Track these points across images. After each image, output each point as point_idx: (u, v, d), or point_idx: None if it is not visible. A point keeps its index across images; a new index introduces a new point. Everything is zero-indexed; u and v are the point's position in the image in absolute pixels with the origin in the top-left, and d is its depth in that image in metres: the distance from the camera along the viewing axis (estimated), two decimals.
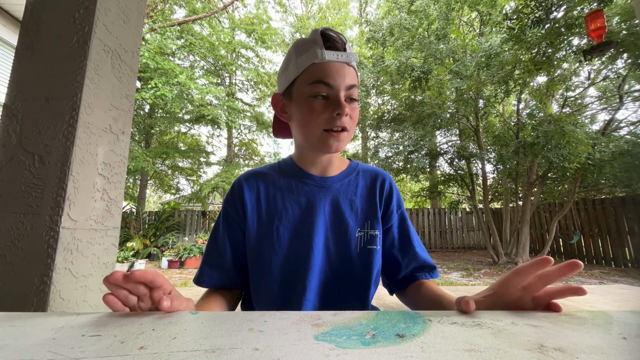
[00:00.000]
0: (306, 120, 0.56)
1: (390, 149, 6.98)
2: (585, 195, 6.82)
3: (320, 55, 0.53)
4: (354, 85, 0.57)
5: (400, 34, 6.77)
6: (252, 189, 0.64)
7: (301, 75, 0.56)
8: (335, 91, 0.54)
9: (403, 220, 0.66)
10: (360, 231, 0.61)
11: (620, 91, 5.39)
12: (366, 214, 0.63)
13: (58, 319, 0.35)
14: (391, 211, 0.65)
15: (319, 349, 0.27)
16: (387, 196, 0.66)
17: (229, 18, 11.00)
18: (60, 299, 0.65)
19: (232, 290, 0.64)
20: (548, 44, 4.00)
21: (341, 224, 0.61)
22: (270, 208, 0.62)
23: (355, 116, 0.58)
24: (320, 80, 0.54)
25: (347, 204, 0.62)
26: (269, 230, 0.60)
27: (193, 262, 5.97)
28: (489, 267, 5.78)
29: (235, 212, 0.63)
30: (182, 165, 12.04)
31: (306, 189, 0.63)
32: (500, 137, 6.06)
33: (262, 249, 0.60)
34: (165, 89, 6.92)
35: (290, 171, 0.66)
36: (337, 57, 0.54)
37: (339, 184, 0.64)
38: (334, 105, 0.54)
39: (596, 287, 4.07)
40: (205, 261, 0.64)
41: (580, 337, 0.30)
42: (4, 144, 0.70)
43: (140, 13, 0.92)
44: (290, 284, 0.58)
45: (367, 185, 0.66)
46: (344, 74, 0.55)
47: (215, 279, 0.62)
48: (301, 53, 0.56)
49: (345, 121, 0.55)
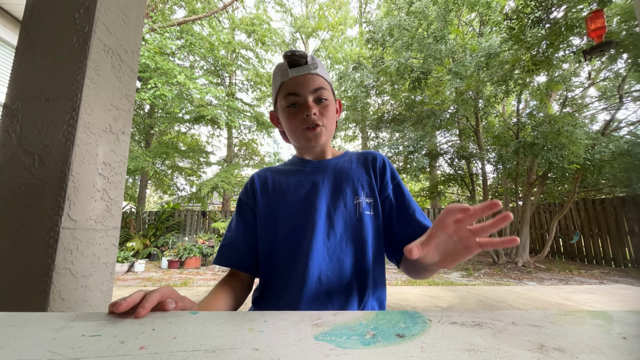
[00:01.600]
0: (288, 126, 0.70)
1: (390, 149, 6.98)
2: (585, 195, 6.82)
3: (285, 75, 0.68)
4: (320, 87, 0.68)
5: (400, 34, 6.77)
6: (261, 177, 0.75)
7: (278, 93, 0.70)
8: (303, 98, 0.67)
9: (399, 189, 0.72)
10: (358, 198, 0.68)
11: (620, 91, 5.40)
12: (362, 183, 0.70)
13: (58, 319, 0.35)
14: (386, 181, 0.71)
15: (319, 349, 0.27)
16: (380, 168, 0.73)
17: (229, 18, 10.99)
18: (60, 299, 0.65)
19: (242, 277, 0.69)
20: (547, 44, 4.00)
21: (340, 194, 0.68)
22: (276, 189, 0.72)
23: (326, 112, 0.68)
24: (289, 93, 0.68)
25: (344, 176, 0.71)
26: (275, 205, 0.69)
27: (193, 262, 5.97)
28: (489, 267, 5.78)
29: (247, 198, 0.73)
30: (182, 165, 12.03)
31: (306, 171, 0.73)
32: (500, 137, 6.06)
33: (270, 222, 0.68)
34: (164, 88, 6.90)
35: (293, 162, 0.78)
36: (299, 71, 0.67)
37: (335, 162, 0.74)
38: (303, 109, 0.67)
39: (596, 287, 4.07)
40: (221, 243, 0.73)
41: (580, 337, 0.30)
42: (4, 144, 0.70)
43: (140, 13, 0.92)
44: (297, 251, 0.63)
45: (360, 160, 0.74)
46: (307, 83, 0.67)
47: (227, 257, 0.69)
48: (276, 76, 0.71)
49: (315, 119, 0.66)
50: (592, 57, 3.36)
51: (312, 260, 0.61)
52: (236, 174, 10.42)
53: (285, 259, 0.64)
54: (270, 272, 0.66)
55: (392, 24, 6.89)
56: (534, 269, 5.50)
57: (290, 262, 0.64)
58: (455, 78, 5.61)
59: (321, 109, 0.68)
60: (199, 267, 6.00)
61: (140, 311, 0.37)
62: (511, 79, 5.05)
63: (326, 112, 0.69)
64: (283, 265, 0.64)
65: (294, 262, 0.63)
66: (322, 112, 0.68)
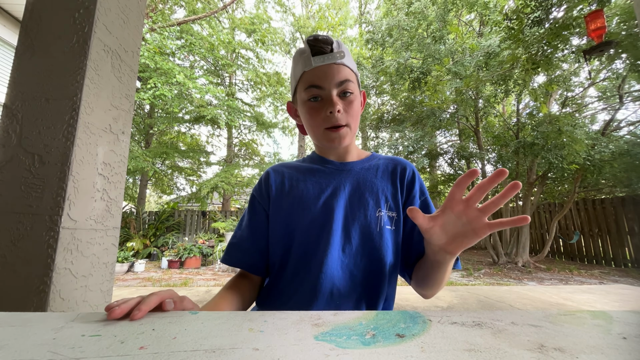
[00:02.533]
0: (308, 122, 0.64)
1: (390, 150, 6.99)
2: (585, 195, 6.82)
3: (308, 64, 0.60)
4: (345, 80, 0.60)
5: (399, 34, 6.77)
6: (278, 174, 0.70)
7: (298, 83, 0.63)
8: (327, 91, 0.60)
9: (426, 206, 0.66)
10: (380, 211, 0.63)
11: (620, 91, 5.40)
12: (386, 196, 0.64)
13: (58, 319, 0.35)
14: (413, 196, 0.66)
15: (319, 349, 0.27)
16: (409, 182, 0.67)
17: (229, 18, 10.99)
18: (60, 299, 0.65)
19: (250, 279, 0.65)
20: (546, 44, 4.00)
21: (361, 204, 0.63)
22: (293, 189, 0.66)
23: (351, 109, 0.62)
24: (311, 85, 0.60)
25: (367, 185, 0.65)
26: (290, 209, 0.64)
27: (193, 262, 5.97)
28: (489, 267, 5.78)
29: (261, 196, 0.68)
30: (182, 165, 12.03)
31: (327, 172, 0.67)
32: (500, 137, 6.06)
33: (284, 226, 0.63)
34: (164, 88, 6.90)
35: (312, 160, 0.72)
36: (323, 60, 0.59)
37: (359, 167, 0.68)
38: (326, 105, 0.60)
39: (596, 287, 4.07)
40: (230, 242, 0.69)
41: (580, 337, 0.30)
42: (4, 144, 0.70)
43: (140, 13, 0.92)
44: (309, 260, 0.59)
45: (388, 169, 0.68)
46: (332, 74, 0.59)
47: (235, 257, 0.66)
48: (296, 64, 0.64)
49: (340, 118, 0.60)
50: (592, 57, 3.36)
51: (325, 273, 0.57)
52: (236, 174, 10.41)
53: (296, 266, 0.61)
54: (279, 277, 0.63)
55: (392, 24, 6.89)
56: (534, 269, 5.50)
57: (301, 271, 0.60)
58: (454, 78, 5.61)
59: (346, 105, 0.61)
60: (199, 267, 6.00)
61: (135, 313, 0.35)
62: (510, 78, 5.05)
63: (351, 109, 0.62)
64: (293, 272, 0.61)
65: (305, 272, 0.59)
66: (347, 109, 0.61)
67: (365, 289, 0.59)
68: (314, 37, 0.60)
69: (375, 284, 0.60)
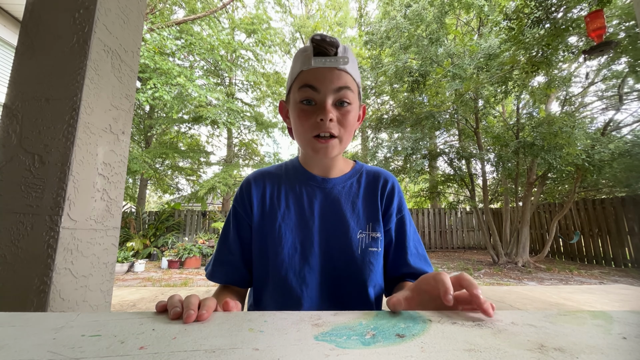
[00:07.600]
0: (296, 126, 0.59)
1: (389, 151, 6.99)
2: (585, 195, 6.82)
3: (307, 63, 0.55)
4: (345, 87, 0.56)
5: (398, 36, 6.77)
6: (259, 187, 0.66)
7: (294, 82, 0.59)
8: (322, 95, 0.55)
9: (402, 225, 0.65)
10: (362, 233, 0.61)
11: (620, 91, 5.40)
12: (368, 216, 0.63)
13: (58, 319, 0.35)
14: (390, 213, 0.65)
15: (319, 349, 0.27)
16: (387, 197, 0.65)
17: (229, 18, 10.99)
18: (60, 299, 0.65)
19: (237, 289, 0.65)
20: (545, 45, 4.00)
21: (342, 225, 0.61)
22: (274, 207, 0.63)
23: (345, 120, 0.57)
24: (306, 85, 0.55)
25: (349, 205, 0.63)
26: (271, 228, 0.61)
27: (193, 262, 5.97)
28: (489, 267, 5.78)
29: (244, 210, 0.65)
30: (182, 165, 12.03)
31: (309, 189, 0.64)
32: (499, 138, 6.06)
33: (264, 247, 0.61)
34: (163, 90, 6.89)
35: (295, 172, 0.68)
36: (325, 62, 0.55)
37: (341, 185, 0.65)
38: (319, 111, 0.55)
39: (596, 287, 4.07)
40: (216, 257, 0.66)
41: (580, 337, 0.30)
42: (4, 144, 0.70)
43: (140, 13, 0.92)
44: (290, 283, 0.58)
45: (369, 187, 0.66)
46: (331, 78, 0.55)
47: (224, 274, 0.64)
48: (296, 62, 0.59)
49: (331, 127, 0.55)
50: (592, 57, 3.36)
51: (304, 299, 0.57)
52: (235, 174, 10.41)
53: (277, 290, 0.59)
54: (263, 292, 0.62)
55: (389, 27, 6.88)
56: (534, 269, 5.50)
57: (283, 294, 0.59)
58: (454, 80, 5.61)
59: (341, 115, 0.56)
60: (198, 267, 6.00)
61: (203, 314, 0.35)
62: (510, 79, 5.05)
63: (345, 121, 0.57)
64: (275, 294, 0.60)
65: (286, 297, 0.58)
66: (341, 119, 0.56)
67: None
68: (321, 37, 0.55)
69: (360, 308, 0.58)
